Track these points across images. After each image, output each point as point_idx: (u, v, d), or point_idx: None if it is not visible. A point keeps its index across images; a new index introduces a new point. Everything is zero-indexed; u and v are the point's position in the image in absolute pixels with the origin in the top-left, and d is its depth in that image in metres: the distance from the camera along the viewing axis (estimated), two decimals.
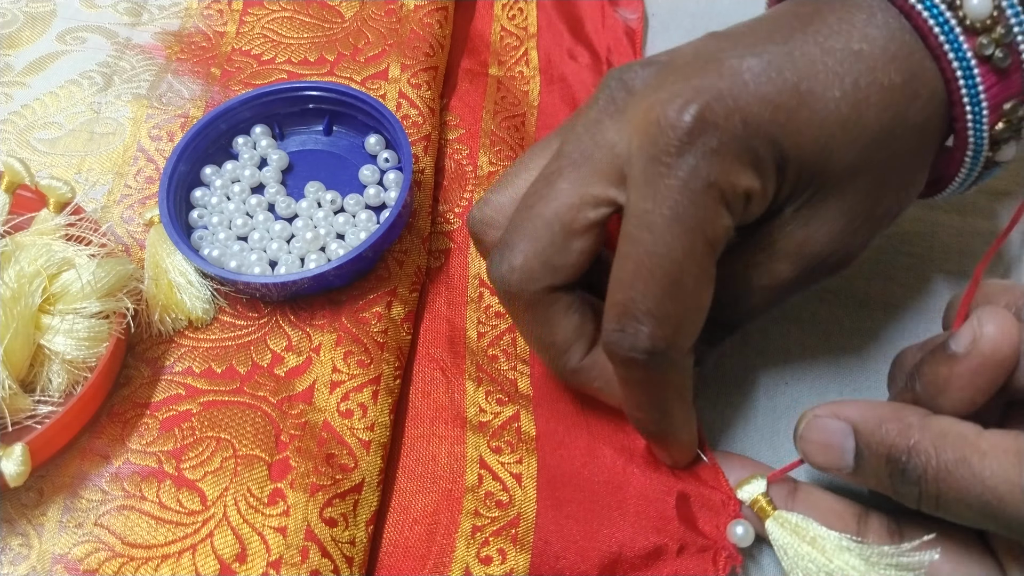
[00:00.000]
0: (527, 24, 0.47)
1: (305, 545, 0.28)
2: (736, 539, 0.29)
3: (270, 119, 0.39)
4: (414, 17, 0.43)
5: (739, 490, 0.30)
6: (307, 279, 0.33)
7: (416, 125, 0.39)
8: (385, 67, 0.41)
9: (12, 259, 0.30)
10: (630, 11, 0.47)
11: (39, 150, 0.38)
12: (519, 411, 0.33)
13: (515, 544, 0.29)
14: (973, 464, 0.24)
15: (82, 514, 0.29)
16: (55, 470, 0.30)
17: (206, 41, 0.42)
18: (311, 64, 0.41)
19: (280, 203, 0.37)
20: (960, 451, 0.24)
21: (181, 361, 0.32)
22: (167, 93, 0.40)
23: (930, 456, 0.25)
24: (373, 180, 0.38)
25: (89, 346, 0.30)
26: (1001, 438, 0.24)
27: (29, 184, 0.33)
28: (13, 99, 0.40)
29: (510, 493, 0.31)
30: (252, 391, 0.32)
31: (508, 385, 0.34)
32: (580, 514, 0.30)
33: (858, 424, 0.27)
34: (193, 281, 0.33)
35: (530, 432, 0.32)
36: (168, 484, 0.29)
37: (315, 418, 0.31)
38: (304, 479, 0.29)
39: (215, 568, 0.28)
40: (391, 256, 0.35)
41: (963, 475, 0.24)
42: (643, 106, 0.26)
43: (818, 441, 0.28)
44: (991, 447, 0.24)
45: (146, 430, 0.31)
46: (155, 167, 0.38)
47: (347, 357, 0.33)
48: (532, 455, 0.32)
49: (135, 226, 0.36)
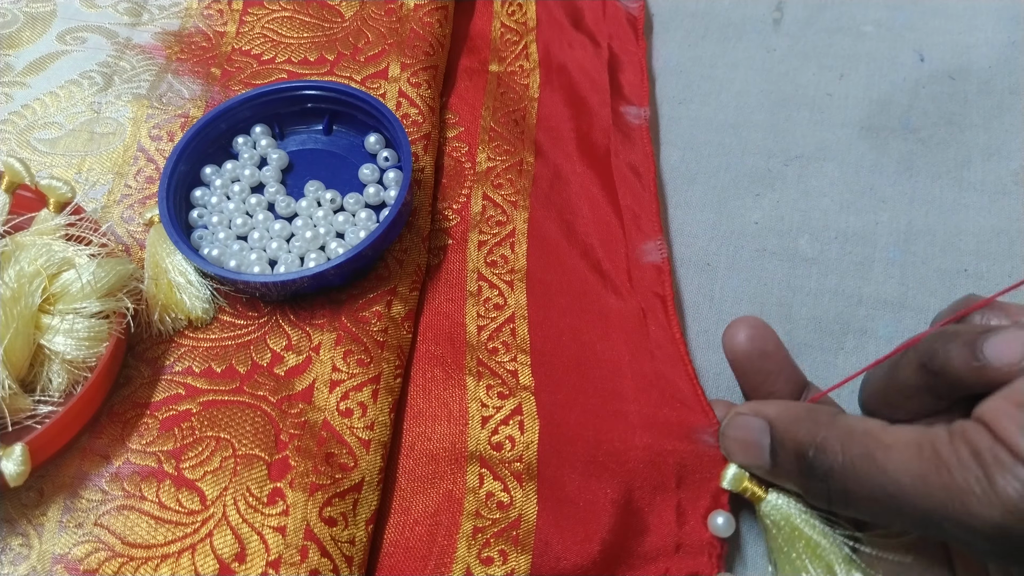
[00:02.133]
0: (527, 19, 0.47)
1: (304, 544, 0.28)
2: (717, 530, 0.30)
3: (270, 119, 0.39)
4: (414, 16, 0.43)
5: (723, 480, 0.30)
6: (307, 278, 0.33)
7: (416, 124, 0.39)
8: (385, 66, 0.41)
9: (12, 259, 0.30)
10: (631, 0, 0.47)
11: (39, 150, 0.38)
12: (521, 403, 0.33)
13: (516, 545, 0.29)
14: (877, 458, 0.24)
15: (82, 514, 0.29)
16: (55, 470, 0.30)
17: (206, 41, 0.42)
18: (311, 64, 0.41)
19: (280, 202, 0.37)
20: (865, 446, 0.25)
21: (181, 361, 0.32)
22: (167, 93, 0.40)
23: (836, 452, 0.25)
24: (373, 179, 0.38)
25: (89, 346, 0.30)
26: (905, 432, 0.25)
27: (29, 184, 0.33)
28: (13, 99, 0.40)
29: (511, 494, 0.31)
30: (252, 390, 0.32)
31: (509, 377, 0.34)
32: (581, 515, 0.30)
33: (774, 421, 0.28)
34: (193, 281, 0.33)
35: (533, 425, 0.32)
36: (168, 484, 0.29)
37: (315, 417, 0.31)
38: (304, 478, 0.29)
39: (214, 568, 0.28)
40: (391, 255, 0.35)
41: (868, 469, 0.25)
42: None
43: (737, 438, 0.29)
44: (895, 441, 0.25)
45: (146, 430, 0.31)
46: (155, 167, 0.38)
47: (347, 356, 0.32)
48: (533, 452, 0.32)
49: (135, 226, 0.36)
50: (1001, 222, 0.39)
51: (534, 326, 0.35)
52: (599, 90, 0.43)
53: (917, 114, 0.43)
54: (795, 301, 0.37)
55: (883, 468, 0.24)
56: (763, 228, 0.39)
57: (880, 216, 0.39)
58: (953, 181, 0.40)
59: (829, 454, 0.26)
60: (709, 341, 0.36)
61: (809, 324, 0.36)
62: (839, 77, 0.45)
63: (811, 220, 0.39)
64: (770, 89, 0.44)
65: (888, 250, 0.38)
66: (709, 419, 0.31)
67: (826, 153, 0.42)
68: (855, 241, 0.39)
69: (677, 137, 0.43)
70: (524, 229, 0.38)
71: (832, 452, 0.26)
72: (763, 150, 0.42)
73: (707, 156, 0.42)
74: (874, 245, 0.38)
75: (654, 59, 0.46)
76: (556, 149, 0.41)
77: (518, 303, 0.36)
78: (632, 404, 0.32)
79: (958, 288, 0.37)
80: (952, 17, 0.46)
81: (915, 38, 0.46)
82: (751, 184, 0.41)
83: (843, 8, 0.47)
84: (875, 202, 0.40)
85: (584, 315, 0.36)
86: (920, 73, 0.44)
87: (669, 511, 0.30)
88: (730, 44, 0.46)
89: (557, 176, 0.40)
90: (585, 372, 0.34)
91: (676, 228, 0.40)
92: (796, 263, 0.38)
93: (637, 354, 0.34)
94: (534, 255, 0.37)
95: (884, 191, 0.40)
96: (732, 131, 0.43)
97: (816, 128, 0.43)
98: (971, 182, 0.40)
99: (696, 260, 0.39)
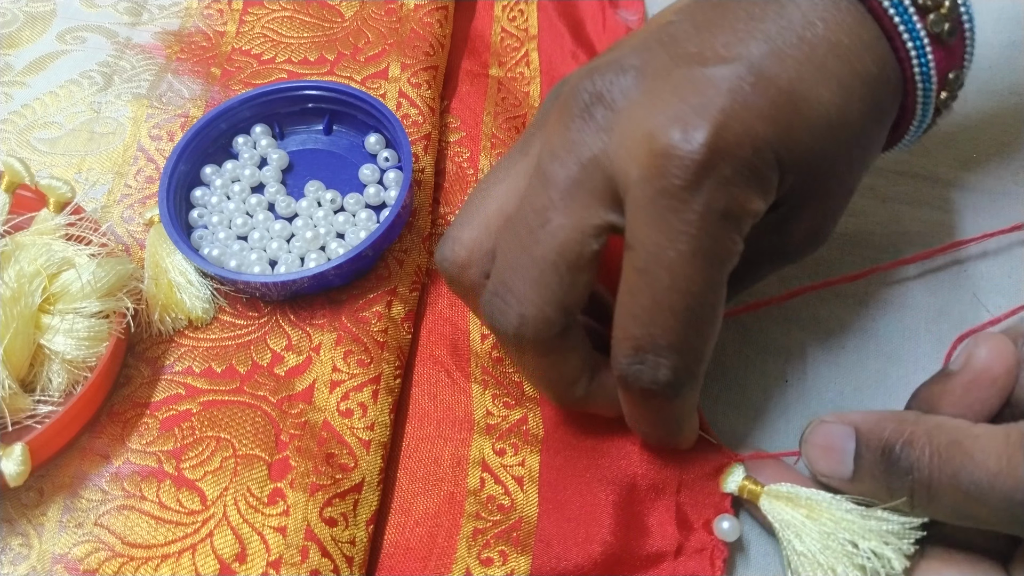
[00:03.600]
0: (527, 26, 0.47)
1: (305, 545, 0.28)
2: (722, 534, 0.30)
3: (270, 118, 0.39)
4: (414, 16, 0.43)
5: (723, 485, 0.30)
6: (307, 278, 0.33)
7: (416, 124, 0.39)
8: (385, 66, 0.41)
9: (12, 259, 0.30)
10: (631, 12, 0.47)
11: (39, 150, 0.38)
12: (527, 414, 0.33)
13: (516, 546, 0.29)
14: (965, 445, 0.25)
15: (82, 514, 0.29)
16: (55, 470, 0.30)
17: (206, 41, 0.42)
18: (311, 63, 0.41)
19: (280, 202, 0.37)
20: (953, 435, 0.25)
21: (181, 361, 0.32)
22: (167, 93, 0.40)
23: (924, 444, 0.25)
24: (373, 179, 0.38)
25: (89, 346, 0.30)
26: (994, 427, 0.25)
27: (29, 184, 0.33)
28: (13, 99, 0.40)
29: (512, 497, 0.31)
30: (252, 391, 0.32)
31: (514, 388, 0.34)
32: (581, 516, 0.30)
33: (859, 425, 0.27)
34: (193, 281, 0.33)
35: (537, 434, 0.32)
36: (168, 484, 0.29)
37: (315, 417, 0.31)
38: (304, 479, 0.29)
39: (215, 568, 0.28)
40: (391, 255, 0.35)
41: (954, 456, 0.25)
42: (639, 130, 0.24)
43: (822, 444, 0.28)
44: (983, 431, 0.25)
45: (146, 430, 0.31)
46: (155, 167, 0.38)
47: (347, 356, 0.32)
48: (536, 456, 0.32)
49: (135, 226, 0.36)
50: (1001, 222, 0.39)
51: None
52: None
53: None
54: (795, 301, 0.37)
55: (970, 454, 0.24)
56: None
57: (880, 216, 0.39)
58: (953, 181, 0.40)
59: (916, 447, 0.25)
60: None
61: (809, 324, 0.36)
62: None
63: None
64: None
65: (888, 250, 0.38)
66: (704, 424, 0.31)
67: None
68: (855, 241, 0.39)
69: None
70: None
71: (920, 444, 0.25)
72: None
73: None
74: (874, 245, 0.38)
75: None
76: None
77: None
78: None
79: (958, 288, 0.37)
80: None
81: None
82: None
83: None
84: (875, 202, 0.40)
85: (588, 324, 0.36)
86: None
87: (670, 514, 0.30)
88: None
89: None
90: None
91: None
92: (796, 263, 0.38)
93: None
94: None
95: (884, 191, 0.40)
96: None
97: None
98: (971, 182, 0.40)
99: None
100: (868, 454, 0.27)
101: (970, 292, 0.37)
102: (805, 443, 0.29)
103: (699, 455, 0.31)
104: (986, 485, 0.24)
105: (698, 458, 0.31)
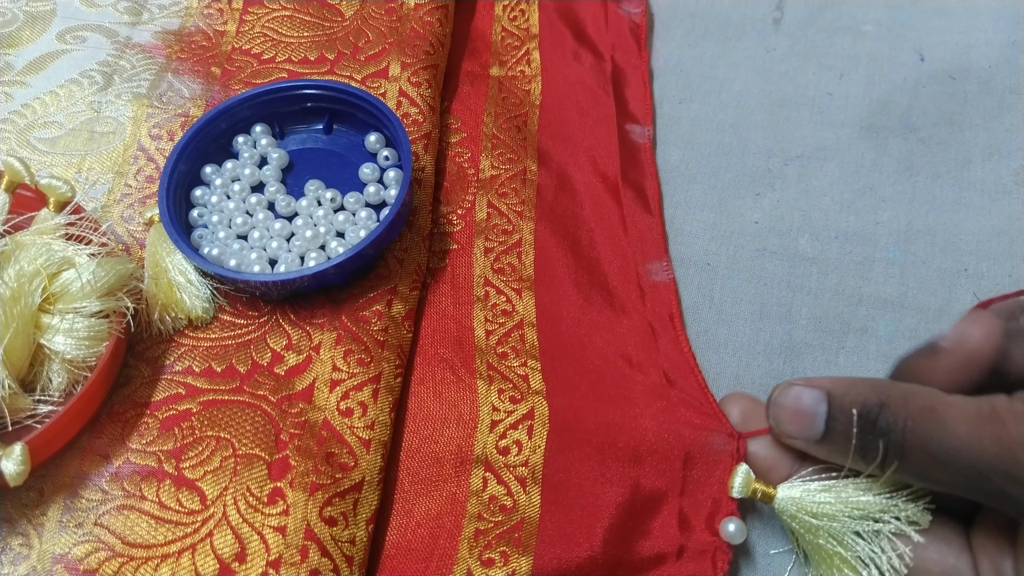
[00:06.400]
0: (528, 25, 0.47)
1: (305, 544, 0.28)
2: (729, 537, 0.30)
3: (270, 118, 0.39)
4: (414, 15, 0.43)
5: (731, 490, 0.30)
6: (307, 277, 0.33)
7: (416, 123, 0.39)
8: (385, 65, 0.41)
9: (12, 258, 0.30)
10: (633, 5, 0.47)
11: (39, 149, 0.38)
12: (533, 408, 0.33)
13: (518, 547, 0.29)
14: (938, 411, 0.26)
15: (82, 514, 0.29)
16: (55, 470, 0.30)
17: (206, 40, 0.42)
18: (311, 63, 0.41)
19: (280, 201, 0.37)
20: (927, 401, 0.26)
21: (181, 360, 0.32)
22: (167, 92, 0.40)
23: (900, 407, 0.26)
24: (373, 178, 0.38)
25: (89, 345, 0.30)
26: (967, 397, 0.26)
27: (29, 183, 0.33)
28: (13, 98, 0.40)
29: (515, 497, 0.31)
30: (252, 390, 0.32)
31: (520, 382, 0.34)
32: (584, 517, 0.30)
33: (831, 389, 0.28)
34: (193, 280, 0.33)
35: (542, 430, 0.32)
36: (168, 484, 0.29)
37: (315, 417, 0.31)
38: (304, 478, 0.29)
39: (214, 567, 0.28)
40: (391, 254, 0.35)
41: (928, 421, 0.26)
42: None
43: (791, 407, 0.29)
44: (957, 400, 0.26)
45: (146, 429, 0.31)
46: (155, 166, 0.38)
47: (347, 356, 0.32)
48: (540, 456, 0.31)
49: (135, 225, 0.36)
50: (1001, 222, 0.39)
51: (543, 333, 0.35)
52: (602, 105, 0.43)
53: (917, 114, 0.43)
54: (795, 301, 0.37)
55: (942, 421, 0.25)
56: (763, 228, 0.39)
57: (880, 216, 0.39)
58: (953, 181, 0.40)
59: (892, 410, 0.26)
60: (709, 341, 0.36)
61: (809, 324, 0.36)
62: (839, 77, 0.45)
63: (811, 220, 0.39)
64: (770, 89, 0.44)
65: (888, 250, 0.38)
66: (721, 423, 0.31)
67: (826, 153, 0.42)
68: (855, 241, 0.39)
69: (677, 137, 0.43)
70: (531, 240, 0.38)
71: (896, 407, 0.26)
72: (763, 150, 0.42)
73: (707, 156, 0.42)
74: (874, 245, 0.38)
75: (654, 59, 0.46)
76: (559, 159, 0.41)
77: (526, 310, 0.36)
78: (642, 409, 0.32)
79: (958, 288, 0.37)
80: (952, 17, 0.46)
81: (915, 38, 0.46)
82: (751, 184, 0.41)
83: (843, 8, 0.47)
84: (875, 202, 0.40)
85: (593, 327, 0.36)
86: (920, 73, 0.44)
87: (672, 516, 0.30)
88: (730, 44, 0.46)
89: (561, 187, 0.40)
90: (595, 378, 0.34)
91: (676, 228, 0.40)
92: (796, 263, 0.38)
93: (646, 365, 0.34)
94: (541, 266, 0.37)
95: (884, 191, 0.40)
96: (732, 131, 0.43)
97: (816, 128, 0.43)
98: (971, 182, 0.40)
99: (696, 260, 0.39)
100: (842, 416, 0.28)
101: (970, 292, 0.37)
102: (773, 404, 0.30)
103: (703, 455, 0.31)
104: (954, 451, 0.25)
105: (703, 458, 0.31)
